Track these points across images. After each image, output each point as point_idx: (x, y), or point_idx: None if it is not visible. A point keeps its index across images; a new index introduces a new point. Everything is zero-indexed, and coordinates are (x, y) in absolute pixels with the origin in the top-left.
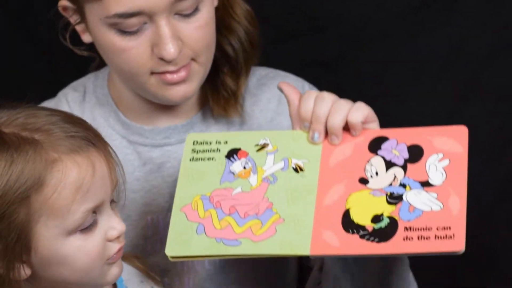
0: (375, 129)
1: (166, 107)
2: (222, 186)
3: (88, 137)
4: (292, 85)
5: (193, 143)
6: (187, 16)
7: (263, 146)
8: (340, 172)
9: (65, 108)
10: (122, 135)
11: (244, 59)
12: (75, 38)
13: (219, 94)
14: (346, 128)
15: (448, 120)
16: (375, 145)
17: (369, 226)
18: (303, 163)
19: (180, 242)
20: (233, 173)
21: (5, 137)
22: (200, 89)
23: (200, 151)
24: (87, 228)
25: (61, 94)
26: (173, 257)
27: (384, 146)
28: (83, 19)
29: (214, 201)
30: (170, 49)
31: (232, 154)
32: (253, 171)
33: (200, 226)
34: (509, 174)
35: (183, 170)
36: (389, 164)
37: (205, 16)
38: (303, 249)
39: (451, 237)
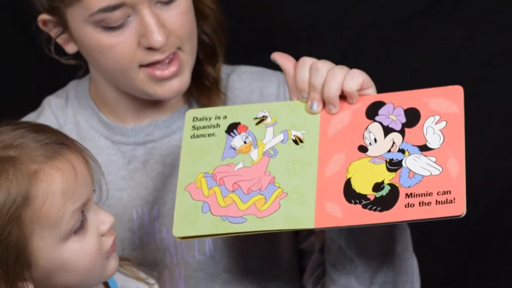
0: (371, 95)
1: (151, 104)
2: (224, 163)
3: (60, 140)
4: (286, 54)
5: (193, 120)
6: (168, 3)
7: (262, 119)
8: (339, 141)
9: (47, 114)
10: (106, 136)
11: (219, 46)
12: (60, 48)
13: (202, 85)
14: (343, 95)
15: None
16: (372, 111)
17: (371, 195)
18: (302, 134)
19: (187, 222)
20: (234, 149)
21: None
22: None
23: (200, 127)
24: (79, 228)
25: (44, 102)
26: (180, 238)
27: (381, 111)
28: (65, 28)
29: (217, 178)
30: (157, 37)
31: (232, 129)
32: (253, 145)
33: (205, 204)
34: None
35: (185, 148)
36: (387, 130)
37: (184, 3)
38: (308, 222)
39: (451, 201)
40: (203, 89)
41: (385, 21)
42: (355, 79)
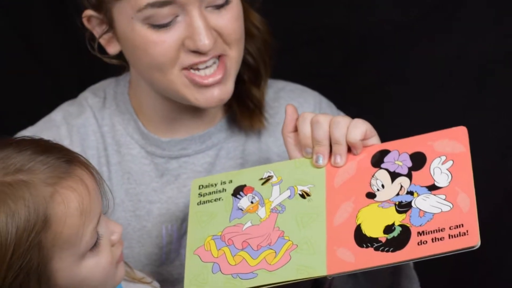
0: (375, 144)
1: (189, 114)
2: (232, 224)
3: (68, 158)
4: (294, 111)
5: (199, 188)
6: (219, 7)
7: (267, 179)
8: (346, 191)
9: (88, 114)
10: (141, 145)
11: (264, 68)
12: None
13: (245, 106)
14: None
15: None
16: (377, 160)
17: (382, 237)
18: (308, 188)
19: (198, 284)
20: (241, 209)
21: None
22: None
23: (206, 194)
24: (94, 244)
25: (81, 97)
26: None
27: (387, 159)
28: (110, 26)
29: (226, 239)
30: (205, 40)
31: (238, 191)
32: (260, 204)
33: (215, 265)
34: None
35: (192, 215)
36: (394, 175)
37: (236, 8)
38: (320, 270)
39: (465, 233)
40: (246, 110)
41: (386, 27)
42: (358, 129)
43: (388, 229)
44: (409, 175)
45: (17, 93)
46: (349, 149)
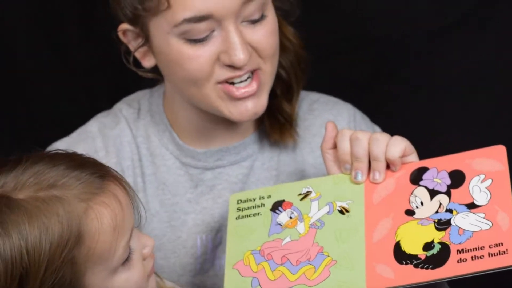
0: (414, 162)
1: (223, 127)
2: (271, 239)
3: (101, 173)
4: (334, 128)
5: (237, 202)
6: (254, 22)
7: (306, 195)
8: (385, 207)
9: (123, 126)
10: (176, 156)
11: (296, 82)
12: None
13: (275, 119)
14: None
15: (482, 136)
16: (416, 177)
17: (422, 254)
18: (347, 204)
19: None
20: (280, 224)
21: (24, 204)
22: None
23: (244, 208)
24: (127, 258)
25: (116, 108)
26: None
27: (425, 176)
28: (146, 39)
29: (265, 254)
30: (240, 55)
31: (277, 206)
32: (299, 219)
33: (254, 280)
34: None
35: (231, 229)
36: (432, 193)
37: (271, 23)
38: (360, 286)
39: (504, 252)
40: (276, 124)
41: (418, 35)
42: (398, 146)
43: (428, 246)
44: (448, 193)
45: (52, 105)
46: (388, 166)
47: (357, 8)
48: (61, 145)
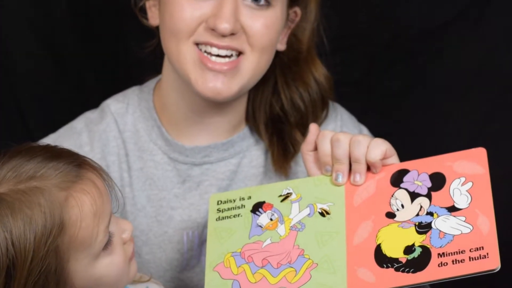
0: (395, 164)
1: (211, 122)
2: (251, 241)
3: (77, 162)
4: (318, 130)
5: (217, 203)
6: (257, 7)
7: (286, 196)
8: (366, 210)
9: (109, 120)
10: (164, 151)
11: (312, 119)
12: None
13: (285, 147)
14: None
15: (476, 134)
16: (397, 179)
17: (403, 258)
18: (328, 206)
19: None
20: (261, 226)
21: (5, 197)
22: (245, 110)
23: (225, 209)
24: (107, 243)
25: (104, 104)
26: None
27: (406, 178)
28: None
29: (245, 256)
30: (225, 24)
31: (257, 208)
32: (280, 221)
33: (235, 282)
34: None
35: (211, 231)
36: (413, 195)
37: (273, 17)
38: None
39: (485, 256)
40: (284, 151)
41: (411, 34)
42: (378, 148)
43: (409, 249)
44: (428, 196)
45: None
46: (369, 168)
47: (352, 7)
48: (48, 141)
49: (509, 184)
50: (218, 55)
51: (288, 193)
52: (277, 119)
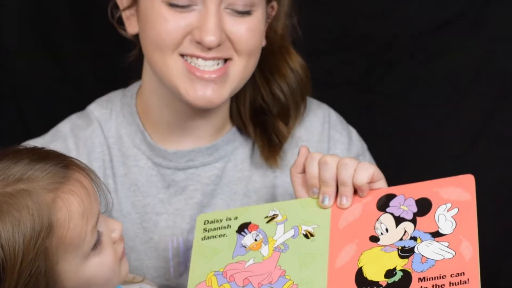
0: (382, 188)
1: (194, 126)
2: (234, 260)
3: (64, 163)
4: (307, 152)
5: (204, 223)
6: (238, 14)
7: (272, 217)
8: (350, 233)
9: (95, 126)
10: (148, 156)
11: (294, 108)
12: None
13: (270, 139)
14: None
15: (476, 135)
16: (383, 203)
17: (383, 281)
18: (313, 228)
19: None
20: (245, 246)
21: None
22: (228, 110)
23: (211, 229)
24: (97, 243)
25: (88, 109)
26: None
27: (392, 203)
28: (135, 1)
29: (227, 275)
30: (211, 37)
31: (243, 228)
32: (264, 242)
33: None
34: None
35: (196, 249)
36: (398, 220)
37: (255, 22)
38: None
39: (465, 282)
40: (268, 143)
41: (410, 34)
42: (366, 172)
43: (390, 273)
44: (413, 221)
45: (48, 108)
46: (356, 192)
47: (351, 7)
48: (35, 144)
49: (509, 185)
50: (205, 66)
51: (274, 215)
52: (260, 111)
